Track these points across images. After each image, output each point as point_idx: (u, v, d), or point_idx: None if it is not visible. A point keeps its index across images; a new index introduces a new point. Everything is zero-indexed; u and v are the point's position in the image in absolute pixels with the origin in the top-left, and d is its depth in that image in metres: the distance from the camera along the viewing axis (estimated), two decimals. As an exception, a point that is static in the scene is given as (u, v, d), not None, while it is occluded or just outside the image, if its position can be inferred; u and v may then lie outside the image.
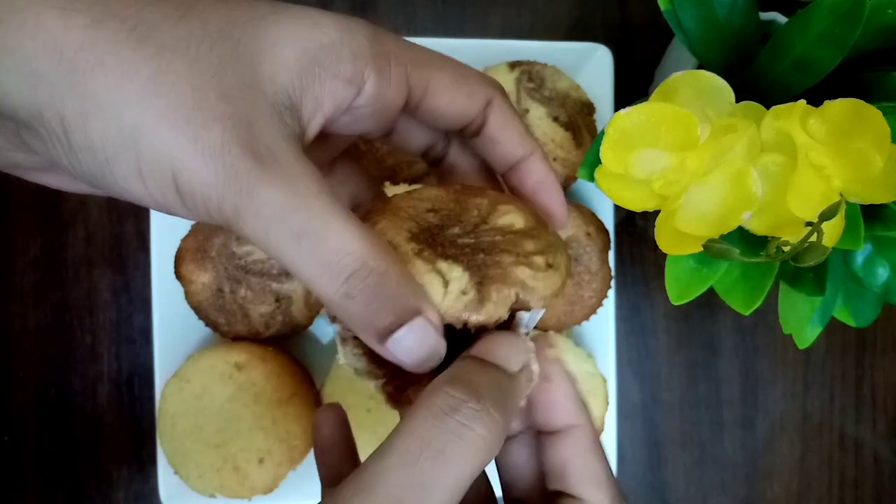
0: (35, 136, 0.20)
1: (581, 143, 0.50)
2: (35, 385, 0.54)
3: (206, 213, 0.20)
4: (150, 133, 0.19)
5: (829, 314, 0.40)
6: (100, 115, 0.19)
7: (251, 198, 0.20)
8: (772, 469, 0.58)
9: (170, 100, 0.19)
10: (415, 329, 0.21)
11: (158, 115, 0.19)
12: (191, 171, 0.19)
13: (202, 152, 0.19)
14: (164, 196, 0.20)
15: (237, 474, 0.47)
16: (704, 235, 0.34)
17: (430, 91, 0.25)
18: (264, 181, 0.20)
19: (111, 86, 0.19)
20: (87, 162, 0.20)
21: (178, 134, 0.19)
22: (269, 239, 0.20)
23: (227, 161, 0.20)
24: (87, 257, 0.54)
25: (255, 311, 0.48)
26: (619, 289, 0.56)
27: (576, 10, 0.56)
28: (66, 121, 0.19)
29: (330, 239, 0.20)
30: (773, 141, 0.33)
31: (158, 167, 0.19)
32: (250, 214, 0.20)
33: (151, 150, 0.19)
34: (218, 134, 0.20)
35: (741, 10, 0.36)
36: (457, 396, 0.20)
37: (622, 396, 0.56)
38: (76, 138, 0.19)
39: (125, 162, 0.20)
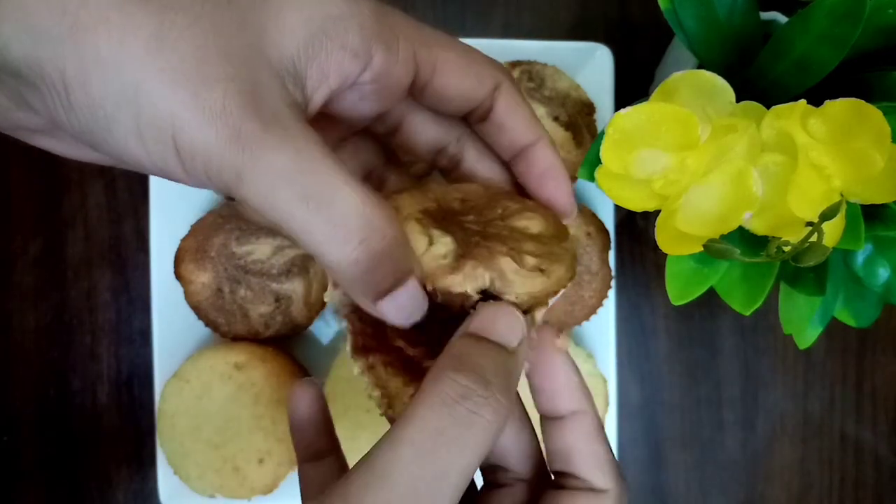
0: (36, 93, 0.20)
1: (581, 142, 0.50)
2: (34, 385, 0.54)
3: (206, 176, 0.20)
4: (151, 90, 0.19)
5: (830, 314, 0.40)
6: (100, 71, 0.19)
7: (255, 160, 0.19)
8: (772, 469, 0.58)
9: (172, 57, 0.19)
10: (408, 289, 0.22)
11: (160, 71, 0.19)
12: (191, 130, 0.19)
13: (203, 111, 0.19)
14: (163, 157, 0.20)
15: (237, 474, 0.47)
16: (705, 235, 0.34)
17: (437, 71, 0.25)
18: (269, 143, 0.19)
19: (113, 42, 0.19)
20: (86, 120, 0.19)
21: (179, 91, 0.19)
22: (273, 202, 0.20)
23: (229, 121, 0.19)
24: (86, 257, 0.54)
25: (254, 312, 0.48)
26: (619, 289, 0.56)
27: (576, 10, 0.56)
28: (67, 77, 0.19)
29: (339, 201, 0.20)
30: (774, 141, 0.33)
31: (158, 126, 0.19)
32: (254, 177, 0.19)
33: (151, 107, 0.19)
34: (220, 94, 0.19)
35: (741, 10, 0.36)
36: (464, 384, 0.20)
37: (622, 396, 0.56)
38: (76, 96, 0.19)
39: (125, 120, 0.19)
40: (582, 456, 0.25)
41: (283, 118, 0.20)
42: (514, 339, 0.22)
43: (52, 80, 0.19)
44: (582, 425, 0.25)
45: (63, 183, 0.54)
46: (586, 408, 0.25)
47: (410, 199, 0.26)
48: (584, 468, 0.24)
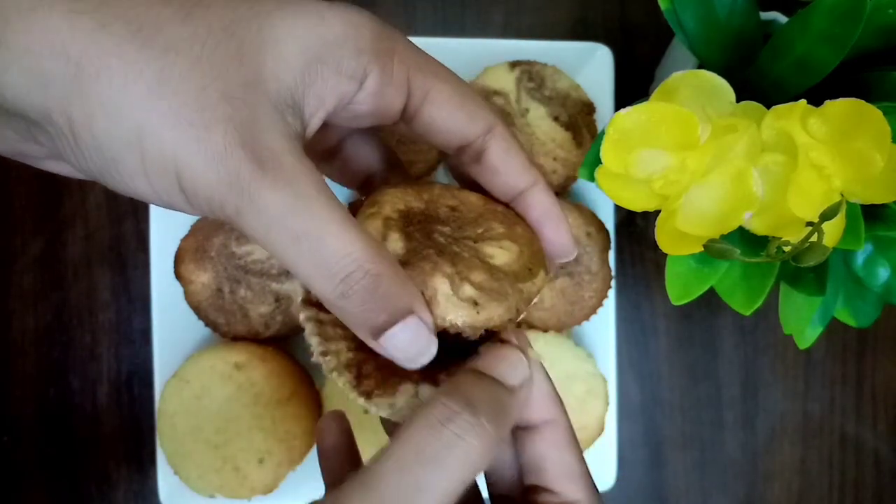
0: (44, 133, 0.20)
1: (581, 142, 0.50)
2: (34, 385, 0.54)
3: (210, 210, 0.21)
4: (154, 134, 0.20)
5: (830, 314, 0.40)
6: (105, 116, 0.19)
7: (252, 201, 0.20)
8: (772, 469, 0.58)
9: (173, 102, 0.20)
10: (408, 327, 0.22)
11: (162, 116, 0.20)
12: (194, 172, 0.20)
13: (205, 154, 0.20)
14: (169, 194, 0.21)
15: (237, 474, 0.47)
16: (705, 235, 0.34)
17: (429, 99, 0.25)
18: (265, 185, 0.20)
19: (116, 88, 0.19)
20: (93, 160, 0.20)
21: (182, 135, 0.20)
22: (269, 239, 0.21)
23: (229, 164, 0.20)
24: (86, 257, 0.54)
25: (254, 311, 0.48)
26: (619, 289, 0.56)
27: (576, 10, 0.56)
28: (73, 121, 0.20)
29: (327, 241, 0.21)
30: (774, 141, 0.33)
31: (162, 167, 0.20)
32: (251, 216, 0.21)
33: (156, 150, 0.20)
34: (220, 136, 0.20)
35: (741, 10, 0.36)
36: (452, 408, 0.21)
37: (622, 396, 0.56)
38: (83, 138, 0.20)
39: (130, 161, 0.20)
40: (553, 466, 0.25)
41: (280, 155, 0.21)
42: (514, 377, 0.23)
43: (60, 124, 0.20)
44: (554, 434, 0.25)
45: (63, 183, 0.54)
46: (558, 417, 0.25)
47: (398, 196, 0.26)
48: (556, 479, 0.25)
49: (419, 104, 0.25)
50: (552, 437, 0.25)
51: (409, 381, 0.24)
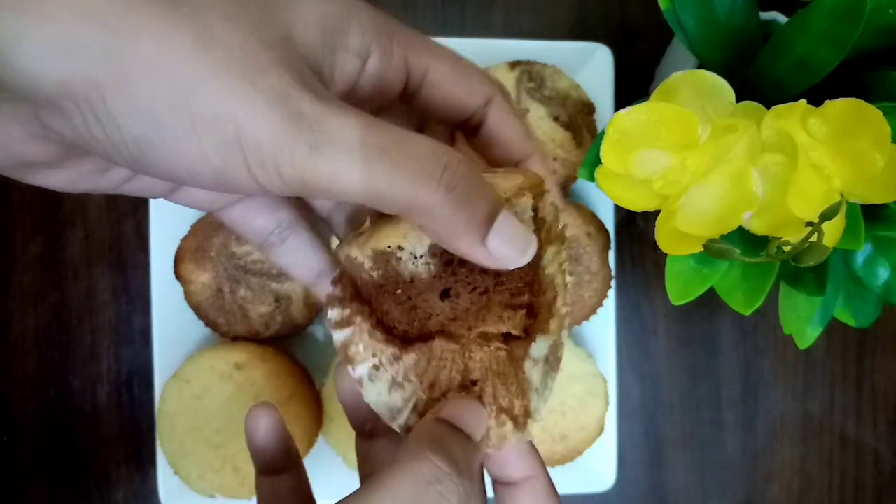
0: (58, 114, 0.19)
1: (581, 142, 0.50)
2: (34, 385, 0.54)
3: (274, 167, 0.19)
4: (206, 90, 0.19)
5: (830, 314, 0.40)
6: (146, 78, 0.18)
7: (324, 133, 0.19)
8: (772, 469, 0.58)
9: (218, 54, 0.19)
10: (508, 217, 0.22)
11: (210, 69, 0.19)
12: (256, 121, 0.19)
13: (265, 97, 0.19)
14: (225, 157, 0.19)
15: (237, 474, 0.47)
16: (705, 235, 0.34)
17: (428, 79, 0.25)
18: (333, 114, 0.20)
19: (155, 46, 0.18)
20: (129, 129, 0.19)
21: (236, 85, 0.19)
22: (351, 168, 0.20)
23: (290, 102, 0.19)
24: (86, 257, 0.54)
25: (254, 311, 0.48)
26: (619, 289, 0.56)
27: (576, 10, 0.56)
28: (105, 88, 0.18)
29: (413, 143, 0.20)
30: (774, 141, 0.33)
31: (218, 125, 0.19)
32: (328, 148, 0.19)
33: (209, 107, 0.19)
34: (275, 78, 0.19)
35: (741, 10, 0.36)
36: (440, 467, 0.22)
37: (622, 397, 0.56)
38: (116, 104, 0.18)
39: (177, 123, 0.19)
40: None
41: (330, 95, 0.20)
42: (479, 432, 0.24)
43: (85, 94, 0.18)
44: (533, 490, 0.26)
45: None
46: (537, 472, 0.26)
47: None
48: None
49: (418, 84, 0.25)
50: (532, 493, 0.26)
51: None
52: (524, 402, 0.24)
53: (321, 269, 0.28)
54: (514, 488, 0.26)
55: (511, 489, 0.26)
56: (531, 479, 0.26)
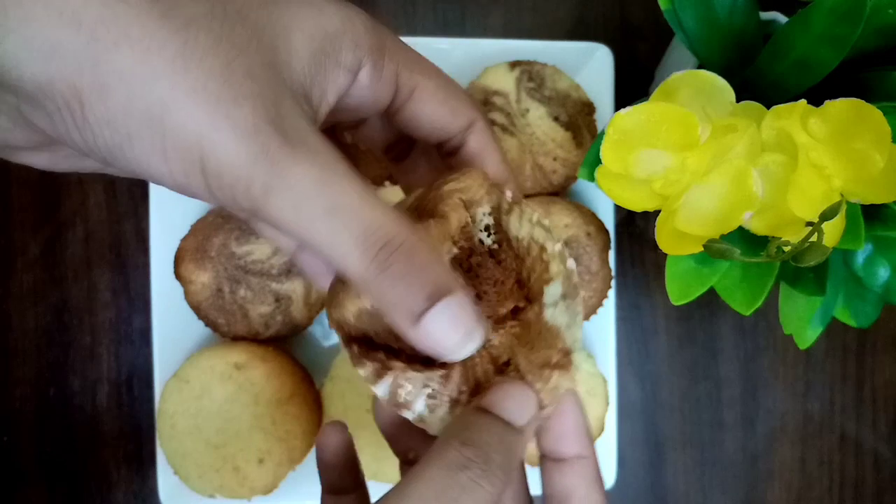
0: (39, 110, 0.19)
1: (581, 142, 0.50)
2: (34, 385, 0.54)
3: (231, 194, 0.20)
4: (179, 109, 0.19)
5: (830, 314, 0.40)
6: (123, 88, 0.18)
7: (282, 176, 0.19)
8: (772, 469, 0.58)
9: (198, 76, 0.19)
10: (450, 305, 0.21)
11: (188, 90, 0.19)
12: (221, 151, 0.19)
13: (234, 130, 0.19)
14: (187, 176, 0.20)
15: (237, 474, 0.47)
16: (705, 235, 0.34)
17: (415, 96, 0.25)
18: (296, 159, 0.20)
19: (137, 59, 0.18)
20: (102, 137, 0.19)
21: (209, 111, 0.19)
22: (299, 217, 0.20)
23: (258, 139, 0.19)
24: (86, 257, 0.54)
25: (254, 311, 0.48)
26: (619, 289, 0.56)
27: (576, 10, 0.56)
28: (83, 94, 0.18)
29: (362, 213, 0.20)
30: (774, 141, 0.33)
31: (185, 146, 0.19)
32: (281, 193, 0.19)
33: (179, 127, 0.19)
34: (249, 112, 0.19)
35: (741, 10, 0.36)
36: (468, 457, 0.22)
37: (622, 396, 0.56)
38: (94, 112, 0.18)
39: (148, 138, 0.19)
40: (580, 500, 0.25)
41: (304, 134, 0.20)
42: (523, 418, 0.23)
43: (65, 98, 0.18)
44: (584, 470, 0.25)
45: (63, 183, 0.54)
46: (589, 453, 0.26)
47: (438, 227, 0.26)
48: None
49: (405, 99, 0.25)
50: (582, 473, 0.25)
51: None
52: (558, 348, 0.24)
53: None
54: (563, 465, 0.25)
55: (560, 465, 0.25)
56: (582, 459, 0.25)
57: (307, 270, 0.29)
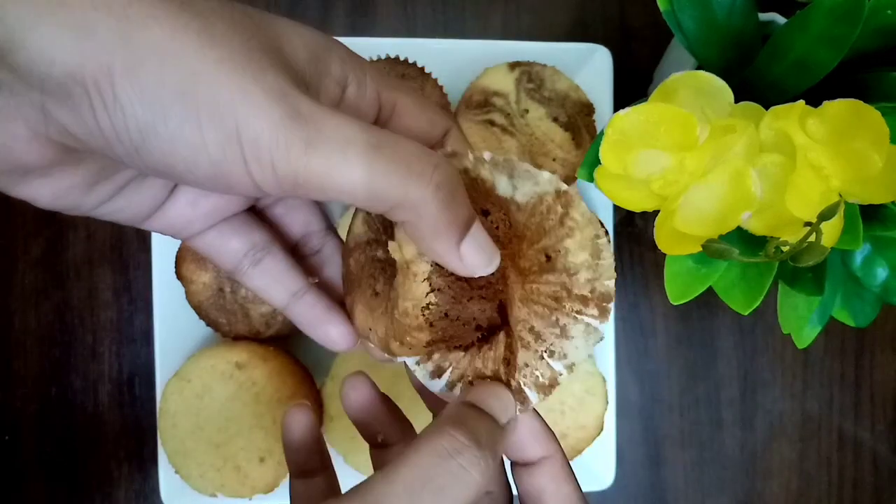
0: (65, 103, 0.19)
1: (580, 143, 0.50)
2: (36, 384, 0.54)
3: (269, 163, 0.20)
4: (211, 80, 0.19)
5: (828, 314, 0.40)
6: (156, 63, 0.19)
7: (319, 130, 0.20)
8: (771, 468, 0.58)
9: (224, 50, 0.20)
10: (479, 229, 0.23)
11: (215, 61, 0.19)
12: (256, 114, 0.20)
13: (265, 95, 0.20)
14: (223, 148, 0.20)
15: (238, 473, 0.47)
16: (703, 235, 0.34)
17: (397, 112, 0.26)
18: (328, 114, 0.20)
19: (166, 35, 0.19)
20: (134, 116, 0.19)
21: (239, 79, 0.20)
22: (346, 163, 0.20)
23: (289, 101, 0.20)
24: (88, 257, 0.54)
25: (255, 311, 0.48)
26: (618, 289, 0.56)
27: (575, 12, 0.56)
28: (115, 71, 0.19)
29: (407, 144, 0.21)
30: (772, 141, 0.33)
31: (220, 115, 0.19)
32: (323, 143, 0.20)
33: (212, 97, 0.19)
34: (273, 78, 0.20)
35: (740, 11, 0.36)
36: (461, 441, 0.22)
37: (621, 396, 0.56)
38: (125, 89, 0.19)
39: (182, 112, 0.19)
40: (552, 497, 0.26)
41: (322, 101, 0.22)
42: (505, 415, 0.24)
43: (96, 79, 0.19)
44: (551, 469, 0.26)
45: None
46: (553, 452, 0.26)
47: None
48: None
49: (388, 115, 0.26)
50: (549, 471, 0.26)
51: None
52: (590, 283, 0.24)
53: (296, 289, 0.29)
54: (532, 468, 0.26)
55: (529, 469, 0.26)
56: (548, 459, 0.26)
57: (302, 321, 0.29)
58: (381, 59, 0.50)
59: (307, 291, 0.29)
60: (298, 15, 0.55)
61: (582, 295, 0.24)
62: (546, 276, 0.25)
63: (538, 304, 0.25)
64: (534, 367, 0.25)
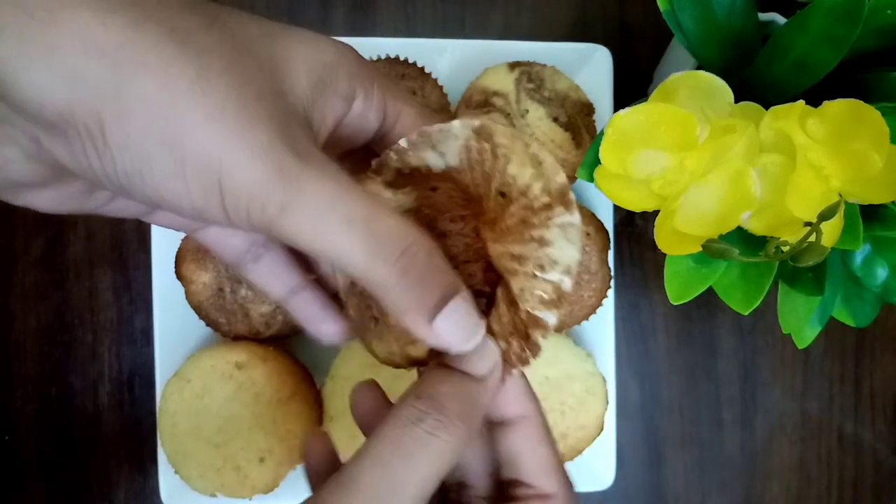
0: (59, 139, 0.20)
1: (580, 143, 0.50)
2: (36, 384, 0.54)
3: (246, 214, 0.20)
4: (197, 133, 0.19)
5: (828, 314, 0.40)
6: (143, 114, 0.19)
7: (299, 191, 0.20)
8: (771, 469, 0.58)
9: (216, 99, 0.20)
10: (459, 304, 0.23)
11: (205, 113, 0.19)
12: (238, 170, 0.20)
13: (251, 150, 0.20)
14: (206, 197, 0.20)
15: (238, 474, 0.47)
16: (704, 235, 0.34)
17: (400, 121, 0.27)
18: (309, 175, 0.20)
19: (157, 85, 0.19)
20: (122, 163, 0.20)
21: (227, 133, 0.20)
22: (317, 230, 0.21)
23: (274, 158, 0.20)
24: (87, 257, 0.54)
25: (255, 311, 0.48)
26: (618, 289, 0.56)
27: (575, 11, 0.56)
28: (104, 120, 0.19)
29: (380, 221, 0.21)
30: (772, 141, 0.33)
31: (204, 167, 0.20)
32: (298, 207, 0.20)
33: (197, 150, 0.19)
34: (263, 132, 0.20)
35: (740, 11, 0.36)
36: (421, 409, 0.22)
37: (622, 396, 0.56)
38: (114, 136, 0.19)
39: (167, 161, 0.20)
40: (528, 460, 0.26)
41: (314, 154, 0.21)
42: (482, 367, 0.24)
43: (86, 123, 0.19)
44: (528, 429, 0.26)
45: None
46: (532, 412, 0.26)
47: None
48: (531, 473, 0.26)
49: (392, 125, 0.27)
50: (526, 432, 0.26)
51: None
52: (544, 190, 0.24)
53: (294, 284, 0.29)
54: (507, 427, 0.26)
55: (505, 428, 0.26)
56: (525, 419, 0.26)
57: (299, 316, 0.29)
58: (381, 59, 0.50)
59: (305, 287, 0.29)
60: (298, 14, 0.55)
61: (543, 203, 0.24)
62: (509, 210, 0.24)
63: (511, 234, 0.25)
64: (531, 289, 0.24)
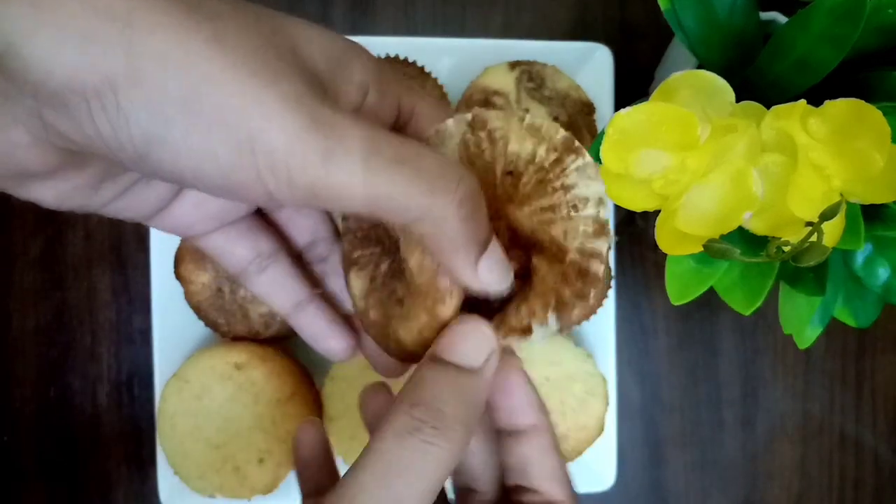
0: (62, 111, 0.18)
1: (581, 142, 0.50)
2: (34, 385, 0.54)
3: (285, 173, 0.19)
4: (220, 86, 0.18)
5: (830, 314, 0.40)
6: (160, 71, 0.18)
7: (341, 138, 0.19)
8: (772, 469, 0.58)
9: (236, 55, 0.18)
10: (496, 245, 0.23)
11: (225, 67, 0.18)
12: (271, 125, 0.18)
13: (281, 102, 0.18)
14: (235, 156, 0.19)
15: (237, 474, 0.47)
16: (705, 235, 0.34)
17: (415, 116, 0.26)
18: (348, 123, 0.19)
19: (172, 42, 0.18)
20: (138, 125, 0.18)
21: (252, 85, 0.18)
22: (367, 177, 0.19)
23: (305, 109, 0.19)
24: (86, 257, 0.54)
25: (254, 311, 0.48)
26: (619, 289, 0.56)
27: (576, 10, 0.56)
28: (118, 81, 0.18)
29: (428, 157, 0.20)
30: (774, 141, 0.33)
31: (230, 123, 0.18)
32: (343, 156, 0.19)
33: (222, 105, 0.18)
34: (289, 84, 0.19)
35: (741, 10, 0.36)
36: (417, 417, 0.21)
37: (622, 396, 0.56)
38: (127, 97, 0.18)
39: (189, 118, 0.18)
40: (539, 469, 0.26)
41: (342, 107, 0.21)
42: (476, 358, 0.23)
43: (97, 88, 0.18)
44: (538, 439, 0.26)
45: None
46: (542, 423, 0.26)
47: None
48: (541, 480, 0.26)
49: (406, 120, 0.26)
50: (537, 442, 0.26)
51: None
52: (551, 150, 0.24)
53: (300, 298, 0.28)
54: (519, 436, 0.26)
55: (516, 437, 0.26)
56: (536, 429, 0.26)
57: (305, 333, 0.29)
58: (381, 58, 0.50)
59: (311, 301, 0.28)
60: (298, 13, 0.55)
61: (553, 159, 0.24)
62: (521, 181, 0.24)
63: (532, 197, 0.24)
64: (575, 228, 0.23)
